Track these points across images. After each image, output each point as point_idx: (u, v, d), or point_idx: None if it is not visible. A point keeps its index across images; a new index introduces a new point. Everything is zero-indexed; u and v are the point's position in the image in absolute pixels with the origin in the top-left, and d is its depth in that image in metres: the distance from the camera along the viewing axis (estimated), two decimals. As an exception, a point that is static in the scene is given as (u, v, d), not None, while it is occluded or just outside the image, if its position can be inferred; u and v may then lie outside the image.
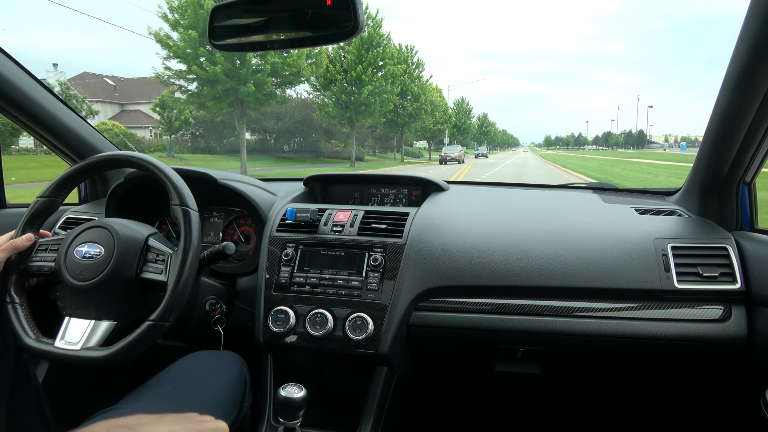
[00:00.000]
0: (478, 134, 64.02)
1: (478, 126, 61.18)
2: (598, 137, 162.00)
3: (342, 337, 1.16)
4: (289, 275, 1.24)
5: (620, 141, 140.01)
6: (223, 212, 1.52)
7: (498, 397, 1.58)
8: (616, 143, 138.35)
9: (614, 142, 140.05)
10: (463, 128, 53.16)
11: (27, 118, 1.38)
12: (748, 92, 0.97)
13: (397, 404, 1.24)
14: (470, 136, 61.13)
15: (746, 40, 0.91)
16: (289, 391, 0.97)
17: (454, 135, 50.44)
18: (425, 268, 1.19)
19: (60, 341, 0.91)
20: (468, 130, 56.85)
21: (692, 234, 1.19)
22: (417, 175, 1.60)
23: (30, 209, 1.04)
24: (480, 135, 64.91)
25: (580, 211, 1.40)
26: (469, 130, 57.63)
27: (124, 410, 0.86)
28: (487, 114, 74.43)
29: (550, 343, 1.16)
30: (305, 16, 0.94)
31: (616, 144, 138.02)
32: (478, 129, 62.54)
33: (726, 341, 1.08)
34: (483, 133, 66.36)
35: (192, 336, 1.27)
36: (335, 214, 1.32)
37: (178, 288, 0.92)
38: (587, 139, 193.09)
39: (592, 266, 1.15)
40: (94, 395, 1.55)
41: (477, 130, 61.51)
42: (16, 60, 1.30)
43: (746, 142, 1.06)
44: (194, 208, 1.00)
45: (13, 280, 0.98)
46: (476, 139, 64.80)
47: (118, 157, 1.07)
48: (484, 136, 68.19)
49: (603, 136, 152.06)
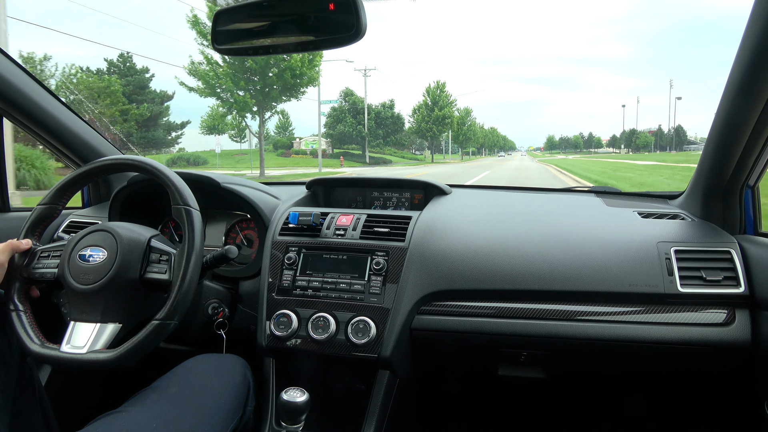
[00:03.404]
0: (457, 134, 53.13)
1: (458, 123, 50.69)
2: (616, 137, 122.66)
3: (344, 340, 1.15)
4: (292, 279, 1.24)
5: (650, 141, 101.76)
6: (225, 216, 1.52)
7: (501, 401, 1.58)
8: (645, 144, 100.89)
9: (642, 143, 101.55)
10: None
11: (31, 122, 1.38)
12: (751, 96, 0.97)
13: (400, 408, 1.23)
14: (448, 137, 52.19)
15: (748, 45, 0.91)
16: (292, 394, 0.97)
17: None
18: (428, 272, 1.19)
19: (66, 346, 0.91)
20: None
21: (696, 238, 1.19)
22: (419, 178, 1.60)
23: (31, 217, 1.04)
24: (458, 135, 53.90)
25: (583, 214, 1.40)
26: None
27: (127, 413, 0.86)
28: (471, 110, 61.27)
29: (553, 347, 1.16)
30: (308, 21, 0.94)
31: (644, 145, 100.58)
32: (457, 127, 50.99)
33: (729, 345, 1.07)
34: (461, 134, 54.71)
35: (195, 339, 1.27)
36: (338, 218, 1.32)
37: (183, 287, 0.92)
38: (600, 139, 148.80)
39: (595, 270, 1.15)
40: (97, 398, 1.56)
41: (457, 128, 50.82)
42: (21, 64, 1.31)
43: (749, 146, 1.06)
44: (196, 207, 1.00)
45: (16, 287, 0.98)
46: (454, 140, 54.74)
47: (118, 161, 1.07)
48: (462, 136, 56.31)
49: (625, 135, 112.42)
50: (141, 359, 0.90)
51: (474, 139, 64.14)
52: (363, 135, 42.11)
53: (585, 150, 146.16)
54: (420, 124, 45.10)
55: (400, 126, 46.98)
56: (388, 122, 44.66)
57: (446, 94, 44.76)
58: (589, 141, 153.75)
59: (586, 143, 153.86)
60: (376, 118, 44.02)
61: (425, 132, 45.00)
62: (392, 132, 46.27)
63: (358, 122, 43.02)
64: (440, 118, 44.15)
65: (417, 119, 45.46)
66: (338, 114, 44.11)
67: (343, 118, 43.44)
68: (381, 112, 44.84)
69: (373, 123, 43.45)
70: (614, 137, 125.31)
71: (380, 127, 44.48)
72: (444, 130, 45.81)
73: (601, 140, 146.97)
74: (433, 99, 44.61)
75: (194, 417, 0.89)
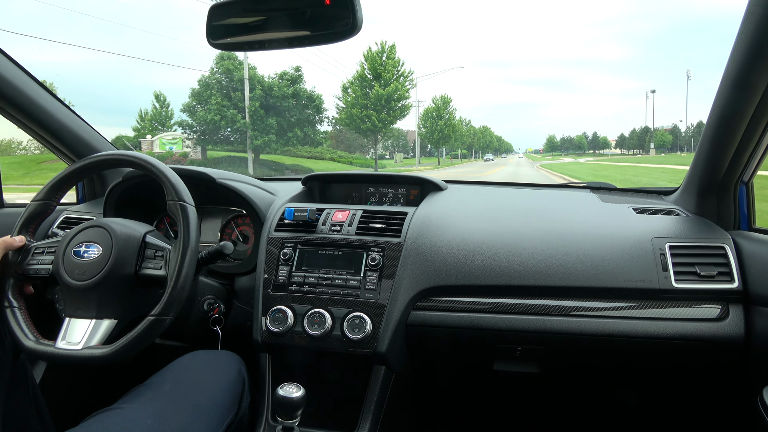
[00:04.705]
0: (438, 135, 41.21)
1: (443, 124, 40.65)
2: (624, 137, 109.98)
3: (340, 336, 1.16)
4: (288, 275, 1.24)
5: (667, 140, 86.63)
6: (221, 212, 1.52)
7: (496, 396, 1.59)
8: (661, 144, 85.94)
9: (658, 143, 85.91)
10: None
11: (25, 117, 1.37)
12: (746, 92, 0.97)
13: (396, 403, 1.24)
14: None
15: (744, 40, 0.91)
16: (288, 390, 0.97)
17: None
18: (423, 268, 1.19)
19: (61, 342, 0.91)
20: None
21: (690, 233, 1.20)
22: (415, 174, 1.60)
23: (24, 213, 1.03)
24: (437, 135, 41.36)
25: (579, 210, 1.40)
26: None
27: (122, 410, 0.86)
28: (451, 99, 42.66)
29: (549, 342, 1.16)
30: (304, 15, 0.94)
31: (660, 145, 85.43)
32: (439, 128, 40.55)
33: (723, 340, 1.08)
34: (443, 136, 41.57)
35: (190, 335, 1.27)
36: (333, 214, 1.32)
37: (178, 282, 0.92)
38: (606, 139, 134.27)
39: (590, 265, 1.15)
40: (92, 395, 1.55)
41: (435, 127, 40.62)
42: (15, 60, 1.30)
43: (744, 142, 1.07)
44: (191, 203, 1.00)
45: (10, 284, 0.98)
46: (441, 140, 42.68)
47: (113, 157, 1.07)
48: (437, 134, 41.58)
49: (636, 134, 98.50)
50: (136, 355, 0.90)
51: (455, 138, 47.37)
52: (238, 126, 24.30)
53: (590, 151, 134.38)
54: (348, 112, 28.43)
55: (315, 112, 27.07)
56: (290, 105, 24.82)
57: (395, 61, 28.06)
58: (594, 141, 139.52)
59: (591, 144, 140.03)
60: (265, 98, 24.25)
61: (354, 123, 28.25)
62: (309, 122, 26.72)
63: (234, 104, 24.53)
64: (384, 98, 27.54)
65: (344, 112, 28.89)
66: (202, 92, 25.13)
67: (208, 98, 24.47)
68: (275, 87, 24.45)
69: (259, 105, 24.00)
70: (622, 137, 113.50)
71: (278, 114, 24.80)
72: (389, 119, 28.62)
73: (607, 140, 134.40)
74: (374, 70, 27.88)
75: (189, 413, 0.89)
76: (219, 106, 23.96)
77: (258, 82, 24.47)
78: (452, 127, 42.67)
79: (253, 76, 24.51)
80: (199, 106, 25.30)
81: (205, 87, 25.04)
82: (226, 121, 24.30)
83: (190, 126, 26.00)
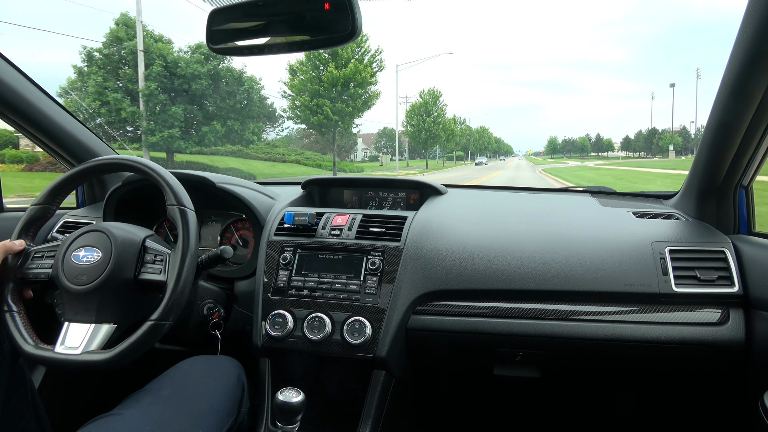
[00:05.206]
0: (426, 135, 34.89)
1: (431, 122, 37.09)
2: (629, 139, 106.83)
3: (340, 340, 1.15)
4: (287, 279, 1.24)
5: (677, 142, 79.69)
6: (221, 216, 1.52)
7: (497, 401, 1.58)
8: (675, 145, 78.09)
9: (666, 145, 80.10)
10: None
11: (25, 121, 1.38)
12: (744, 98, 0.97)
13: (396, 408, 1.23)
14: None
15: (741, 47, 0.92)
16: (287, 395, 0.96)
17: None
18: (423, 272, 1.19)
19: (60, 346, 0.90)
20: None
21: (690, 237, 1.20)
22: (415, 178, 1.60)
23: (24, 217, 1.03)
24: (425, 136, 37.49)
25: (578, 214, 1.40)
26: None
27: (121, 416, 0.86)
28: (441, 93, 39.05)
29: (549, 346, 1.16)
30: (303, 20, 0.94)
31: (668, 148, 78.76)
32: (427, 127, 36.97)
33: (724, 344, 1.08)
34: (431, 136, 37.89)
35: (189, 340, 1.26)
36: (333, 218, 1.31)
37: (177, 287, 0.92)
38: (610, 141, 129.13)
39: (590, 269, 1.15)
40: (91, 400, 1.55)
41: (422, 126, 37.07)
42: (14, 64, 1.30)
43: (743, 146, 1.07)
44: (190, 207, 1.00)
45: (10, 288, 0.97)
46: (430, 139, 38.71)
47: (113, 161, 1.07)
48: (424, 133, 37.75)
49: (642, 136, 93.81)
50: (135, 360, 0.90)
51: (446, 138, 42.98)
52: (124, 117, 16.44)
53: (593, 154, 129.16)
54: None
55: (247, 100, 19.19)
56: (203, 88, 17.50)
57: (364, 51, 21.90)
58: (598, 143, 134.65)
59: (594, 146, 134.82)
60: (168, 78, 17.13)
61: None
62: (237, 113, 18.92)
63: (124, 86, 17.47)
64: (340, 82, 21.24)
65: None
66: (85, 71, 17.31)
67: (88, 77, 16.71)
68: (182, 64, 17.09)
69: (157, 88, 16.83)
70: (627, 139, 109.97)
71: (191, 102, 17.88)
72: (347, 109, 21.85)
73: (611, 142, 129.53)
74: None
75: (188, 419, 0.89)
76: (99, 87, 16.39)
77: (159, 56, 16.59)
78: (442, 126, 38.70)
79: (154, 48, 16.60)
80: (78, 90, 17.25)
81: (89, 61, 17.10)
82: (108, 110, 16.41)
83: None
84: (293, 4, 0.95)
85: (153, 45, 16.82)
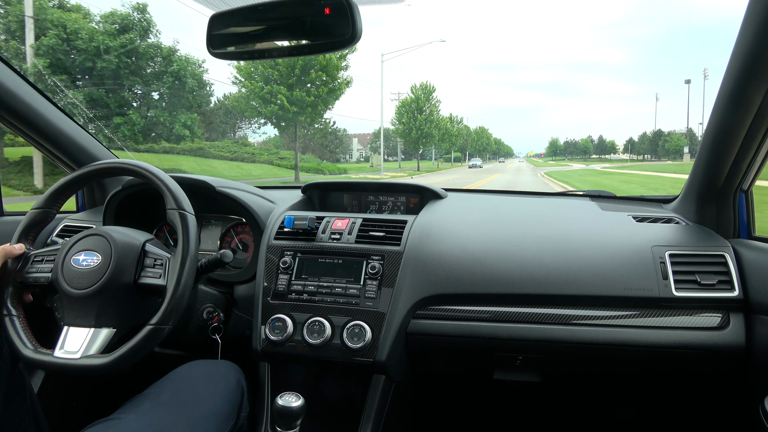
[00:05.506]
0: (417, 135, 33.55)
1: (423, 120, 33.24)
2: (633, 140, 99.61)
3: (340, 345, 1.15)
4: (287, 283, 1.24)
5: (681, 145, 72.94)
6: (220, 220, 1.52)
7: (497, 405, 1.58)
8: (676, 149, 73.56)
9: (672, 147, 74.80)
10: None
11: (25, 125, 1.38)
12: (743, 103, 0.98)
13: (396, 412, 1.23)
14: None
15: (740, 53, 0.92)
16: (287, 399, 0.96)
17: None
18: (423, 276, 1.19)
19: (59, 351, 0.90)
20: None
21: (690, 241, 1.20)
22: (415, 182, 1.60)
23: (24, 221, 1.03)
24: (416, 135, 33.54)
25: (578, 218, 1.40)
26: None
27: (120, 420, 0.85)
28: (434, 88, 35.70)
29: (549, 351, 1.16)
30: (304, 25, 0.95)
31: (675, 150, 73.53)
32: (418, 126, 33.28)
33: (724, 349, 1.08)
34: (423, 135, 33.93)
35: (189, 344, 1.26)
36: (333, 222, 1.31)
37: (177, 291, 0.92)
38: (614, 143, 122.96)
39: (590, 274, 1.15)
40: (90, 405, 1.54)
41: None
42: (15, 67, 1.30)
43: (742, 151, 1.07)
44: (190, 211, 1.00)
45: (9, 292, 0.97)
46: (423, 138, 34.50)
47: (113, 165, 1.07)
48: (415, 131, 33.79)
49: (647, 138, 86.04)
50: (135, 364, 0.89)
51: (440, 137, 39.75)
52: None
53: (596, 156, 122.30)
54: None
55: (176, 83, 14.70)
56: (112, 67, 13.28)
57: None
58: (600, 145, 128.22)
59: (597, 148, 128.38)
60: (67, 53, 12.95)
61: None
62: (164, 101, 15.10)
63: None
64: (299, 66, 17.79)
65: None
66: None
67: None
68: (83, 34, 12.88)
69: (51, 65, 12.51)
70: (631, 140, 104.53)
71: (98, 84, 13.55)
72: (308, 99, 17.74)
73: (615, 144, 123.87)
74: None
75: (188, 424, 0.88)
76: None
77: (55, 26, 12.80)
78: (435, 124, 34.99)
79: (52, 16, 12.88)
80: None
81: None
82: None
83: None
84: (294, 9, 0.96)
85: (54, 13, 12.87)
